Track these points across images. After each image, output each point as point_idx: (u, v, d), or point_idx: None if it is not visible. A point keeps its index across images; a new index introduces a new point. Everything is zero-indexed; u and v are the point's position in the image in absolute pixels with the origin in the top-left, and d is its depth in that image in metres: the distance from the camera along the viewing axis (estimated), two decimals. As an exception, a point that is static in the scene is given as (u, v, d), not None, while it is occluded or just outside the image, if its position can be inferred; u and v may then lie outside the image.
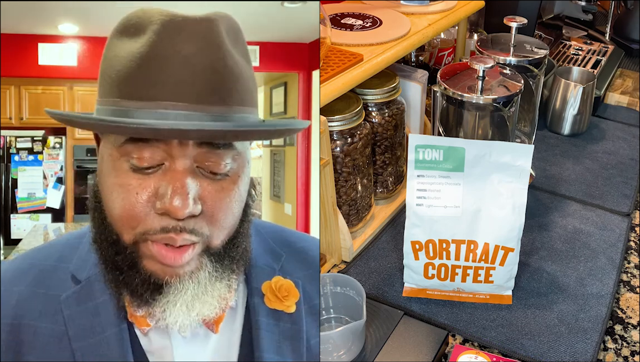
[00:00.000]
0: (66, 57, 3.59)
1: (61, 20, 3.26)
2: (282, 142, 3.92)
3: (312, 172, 3.67)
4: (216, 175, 0.56)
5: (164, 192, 0.53)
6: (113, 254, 0.57)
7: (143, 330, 0.60)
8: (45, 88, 3.70)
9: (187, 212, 0.53)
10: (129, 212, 0.54)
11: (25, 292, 0.62)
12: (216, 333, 0.62)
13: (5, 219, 3.75)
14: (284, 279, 0.66)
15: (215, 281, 0.58)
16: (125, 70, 0.54)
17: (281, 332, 0.64)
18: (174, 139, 0.53)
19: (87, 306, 0.60)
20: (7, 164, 3.77)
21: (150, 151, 0.53)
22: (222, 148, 0.55)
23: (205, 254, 0.57)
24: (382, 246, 1.17)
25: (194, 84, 0.53)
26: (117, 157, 0.55)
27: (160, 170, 0.54)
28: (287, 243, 0.71)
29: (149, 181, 0.54)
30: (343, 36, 1.20)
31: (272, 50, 3.64)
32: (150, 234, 0.54)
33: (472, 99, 1.05)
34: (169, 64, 0.53)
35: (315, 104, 3.65)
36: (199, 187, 0.55)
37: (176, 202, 0.53)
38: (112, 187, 0.55)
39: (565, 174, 1.44)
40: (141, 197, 0.54)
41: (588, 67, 1.93)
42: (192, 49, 0.53)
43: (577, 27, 2.26)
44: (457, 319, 0.99)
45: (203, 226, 0.56)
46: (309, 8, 2.82)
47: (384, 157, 1.25)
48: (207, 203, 0.55)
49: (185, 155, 0.54)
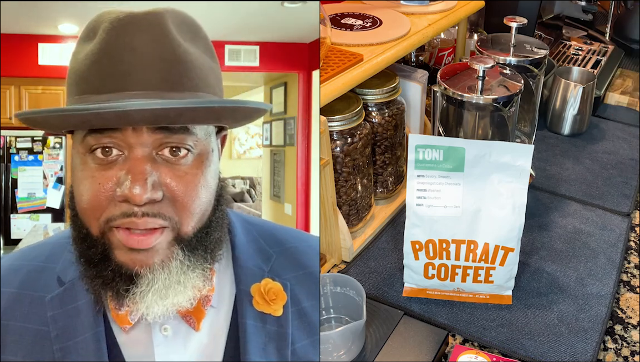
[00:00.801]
0: (66, 57, 3.58)
1: (61, 20, 3.25)
2: (282, 142, 3.92)
3: (312, 172, 3.67)
4: (178, 160, 0.56)
5: (124, 180, 0.55)
6: (86, 249, 0.58)
7: (125, 328, 0.61)
8: (45, 88, 3.70)
9: (145, 197, 0.54)
10: (93, 202, 0.56)
11: (14, 294, 0.63)
12: (197, 331, 0.62)
13: (5, 219, 3.75)
14: (272, 282, 0.66)
15: (187, 270, 0.58)
16: (82, 69, 0.56)
17: (267, 334, 0.64)
18: (120, 124, 0.54)
19: (69, 308, 0.61)
20: (7, 164, 3.77)
21: (108, 140, 0.55)
22: (178, 133, 0.56)
23: (176, 243, 0.58)
24: (382, 246, 1.17)
25: (143, 73, 0.55)
26: (82, 153, 0.56)
27: (120, 159, 0.56)
28: (278, 242, 0.70)
29: (111, 172, 0.55)
30: (343, 36, 1.20)
31: (272, 50, 3.64)
32: (113, 220, 0.55)
33: (472, 99, 1.05)
34: (118, 56, 0.55)
35: (315, 104, 3.65)
36: (160, 173, 0.56)
37: (135, 188, 0.54)
38: (79, 181, 0.57)
39: (565, 174, 1.44)
40: (103, 187, 0.55)
41: (588, 67, 1.92)
42: (139, 41, 0.55)
43: (577, 27, 2.26)
44: (457, 319, 0.99)
45: (169, 211, 0.56)
46: (309, 8, 2.82)
47: (384, 157, 1.25)
48: (169, 188, 0.56)
49: (142, 142, 0.55)
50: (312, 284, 0.69)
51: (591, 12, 2.13)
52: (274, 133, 4.06)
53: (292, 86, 3.79)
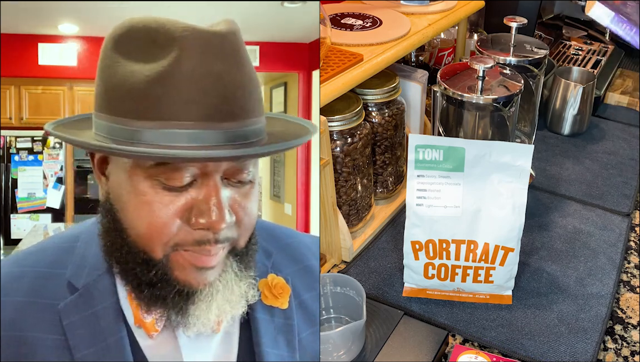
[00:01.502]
0: (66, 57, 3.59)
1: (61, 20, 3.26)
2: (282, 142, 3.92)
3: (312, 172, 3.67)
4: (242, 184, 0.58)
5: (202, 208, 0.55)
6: (144, 273, 0.57)
7: (152, 335, 0.61)
8: (45, 88, 3.70)
9: (224, 226, 0.55)
10: (160, 228, 0.55)
11: (22, 302, 0.60)
12: (218, 332, 0.63)
13: (5, 219, 3.75)
14: (277, 277, 0.69)
15: (239, 280, 0.60)
16: (147, 89, 0.52)
17: (276, 327, 0.66)
18: (208, 161, 0.54)
19: (86, 314, 0.60)
20: (7, 164, 3.77)
21: (183, 172, 0.54)
22: (248, 161, 0.58)
23: (230, 255, 0.60)
24: (382, 246, 1.17)
25: (225, 101, 0.53)
26: (142, 178, 0.55)
27: (193, 186, 0.55)
28: (275, 239, 0.73)
29: (181, 197, 0.55)
30: (343, 36, 1.20)
31: (272, 50, 3.64)
32: (183, 246, 0.56)
33: (472, 99, 1.05)
34: (199, 82, 0.52)
35: (315, 104, 3.65)
36: (230, 199, 0.57)
37: (215, 216, 0.55)
38: (139, 206, 0.55)
39: (565, 174, 1.44)
40: (173, 213, 0.55)
41: (588, 67, 1.92)
42: (222, 66, 0.53)
43: (577, 27, 2.26)
44: (457, 319, 0.99)
45: (234, 232, 0.58)
46: (309, 8, 2.82)
47: (384, 157, 1.25)
48: (236, 211, 0.58)
49: (219, 170, 0.56)
50: (308, 277, 0.72)
51: (591, 12, 2.12)
52: (274, 133, 4.06)
53: (292, 86, 3.79)
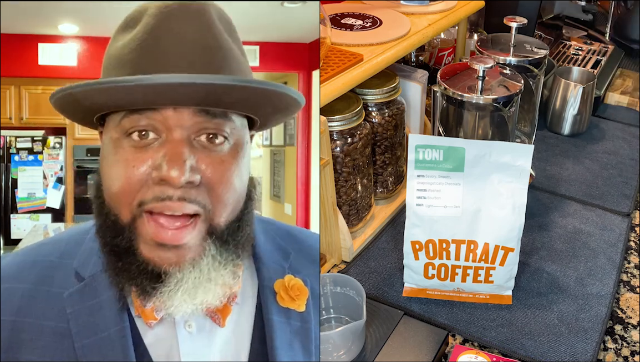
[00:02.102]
0: (66, 57, 3.59)
1: (61, 20, 3.26)
2: (282, 142, 3.93)
3: (312, 172, 3.67)
4: (214, 146, 0.55)
5: (161, 162, 0.53)
6: (111, 237, 0.56)
7: (150, 324, 0.59)
8: (45, 88, 3.70)
9: (184, 179, 0.53)
10: (126, 186, 0.54)
11: (29, 289, 0.61)
12: (222, 327, 0.61)
13: (5, 219, 3.75)
14: (295, 278, 0.66)
15: (219, 266, 0.57)
16: (123, 53, 0.56)
17: (292, 330, 0.64)
18: (167, 99, 0.53)
19: (90, 304, 0.60)
20: (7, 164, 3.77)
21: (145, 122, 0.54)
22: (217, 118, 0.55)
23: (208, 237, 0.56)
24: (382, 246, 1.17)
25: (187, 58, 0.54)
26: (117, 138, 0.55)
27: (157, 143, 0.54)
28: (295, 241, 0.71)
29: (147, 154, 0.54)
30: (343, 36, 1.20)
31: (272, 50, 3.64)
32: (146, 203, 0.54)
33: (472, 99, 1.05)
34: (163, 39, 0.55)
35: (315, 104, 3.65)
36: (197, 158, 0.54)
37: (173, 170, 0.52)
38: (111, 165, 0.55)
39: (565, 174, 1.44)
40: (138, 170, 0.54)
41: (588, 67, 1.92)
42: (185, 27, 0.55)
43: (577, 27, 2.26)
44: (457, 319, 0.99)
45: (204, 198, 0.55)
46: (309, 8, 2.82)
47: (384, 157, 1.25)
48: (206, 174, 0.55)
49: (181, 125, 0.54)
50: None
51: (591, 12, 2.13)
52: (274, 133, 4.07)
53: (292, 86, 3.78)
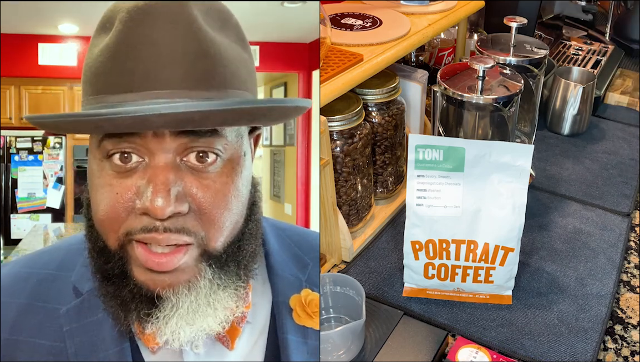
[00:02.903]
0: (66, 57, 3.60)
1: (61, 20, 3.26)
2: (282, 142, 3.92)
3: (312, 172, 3.67)
4: (205, 167, 0.50)
5: (144, 190, 0.49)
6: (102, 263, 0.52)
7: (152, 349, 0.56)
8: (45, 88, 3.70)
9: (169, 211, 0.48)
10: (110, 214, 0.50)
11: (24, 305, 0.58)
12: (232, 350, 0.57)
13: (5, 219, 3.75)
14: (312, 293, 0.60)
15: (218, 289, 0.52)
16: (96, 65, 0.50)
17: (309, 350, 0.59)
18: (138, 129, 0.47)
19: (88, 322, 0.56)
20: (7, 164, 3.77)
21: (126, 145, 0.49)
22: (205, 136, 0.50)
23: (203, 259, 0.52)
24: (382, 246, 1.17)
25: (165, 71, 0.48)
26: (100, 159, 0.51)
27: (141, 166, 0.50)
28: (311, 248, 0.65)
29: (130, 180, 0.50)
30: (343, 36, 1.20)
31: (272, 50, 3.64)
32: (132, 234, 0.50)
33: (472, 99, 1.05)
34: (136, 52, 0.48)
35: (315, 104, 3.65)
36: (185, 183, 0.50)
37: (157, 200, 0.48)
38: (95, 189, 0.52)
39: (565, 174, 1.44)
40: (122, 198, 0.50)
41: (588, 67, 1.92)
42: (160, 33, 0.49)
43: (577, 27, 2.26)
44: (457, 319, 0.99)
45: (195, 226, 0.50)
46: (309, 8, 2.82)
47: (384, 157, 1.25)
48: (196, 199, 0.50)
49: (164, 148, 0.49)
50: None
51: (591, 12, 2.13)
52: (274, 133, 4.07)
53: (292, 86, 3.79)
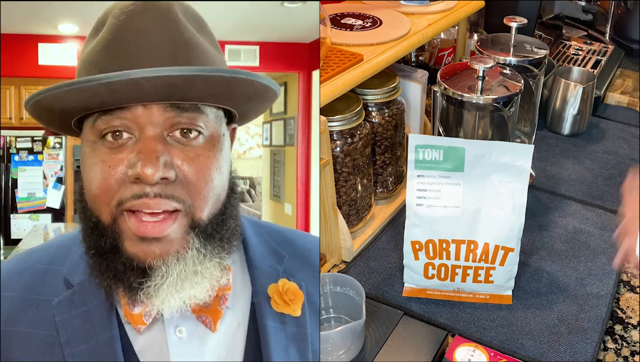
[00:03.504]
0: (66, 57, 3.59)
1: (61, 20, 3.25)
2: (282, 142, 3.92)
3: (312, 172, 3.67)
4: (189, 141, 0.56)
5: (135, 160, 0.54)
6: (95, 239, 0.56)
7: (139, 329, 0.59)
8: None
9: (158, 175, 0.53)
10: (103, 187, 0.54)
11: (18, 297, 0.61)
12: (214, 332, 0.60)
13: (5, 219, 3.75)
14: (289, 282, 0.65)
15: (204, 259, 0.57)
16: (91, 55, 0.56)
17: (288, 336, 0.63)
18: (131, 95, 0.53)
19: (79, 311, 0.60)
20: (7, 164, 3.77)
21: (118, 121, 0.54)
22: (189, 111, 0.55)
23: (191, 230, 0.56)
24: (382, 246, 1.17)
25: (153, 53, 0.54)
26: (93, 140, 0.56)
27: (131, 142, 0.55)
28: (288, 243, 0.70)
29: (122, 154, 0.54)
30: (343, 36, 1.20)
31: (272, 50, 3.64)
32: (124, 203, 0.54)
33: (472, 99, 1.05)
34: (128, 38, 0.55)
35: (315, 104, 3.65)
36: (172, 154, 0.55)
37: (147, 167, 0.53)
38: (89, 167, 0.56)
39: (565, 174, 1.44)
40: (114, 170, 0.54)
41: (588, 67, 1.92)
42: (149, 24, 0.55)
43: (577, 27, 2.26)
44: (457, 319, 0.99)
45: (182, 194, 0.55)
46: (309, 8, 2.82)
47: (384, 157, 1.25)
48: (182, 169, 0.55)
49: (153, 121, 0.54)
50: None
51: (591, 12, 2.13)
52: (274, 133, 4.07)
53: (292, 86, 3.79)
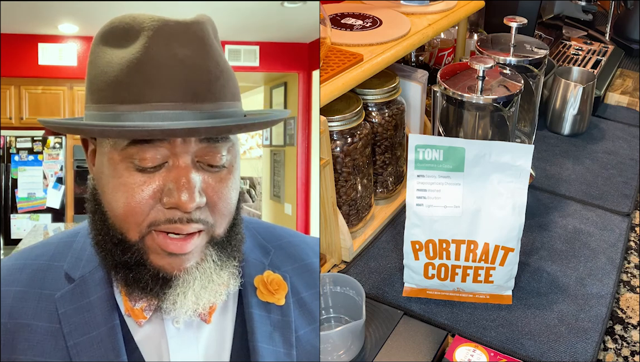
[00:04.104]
0: (66, 57, 3.59)
1: (61, 20, 3.26)
2: (282, 142, 3.92)
3: (312, 172, 3.67)
4: (215, 167, 0.59)
5: (172, 188, 0.57)
6: (120, 254, 0.59)
7: (140, 323, 0.62)
8: (45, 88, 3.70)
9: (194, 205, 0.57)
10: (134, 209, 0.57)
11: (20, 291, 0.64)
12: (209, 323, 0.64)
13: (5, 219, 3.75)
14: (274, 274, 0.70)
15: (219, 269, 0.61)
16: (120, 76, 0.57)
17: (272, 323, 0.67)
18: (163, 136, 0.55)
19: (81, 304, 0.63)
20: (7, 164, 3.77)
21: (153, 151, 0.56)
22: (220, 141, 0.59)
23: (209, 244, 0.61)
24: (382, 246, 1.17)
25: (189, 84, 0.56)
26: (118, 160, 0.57)
27: (164, 168, 0.57)
28: (275, 238, 0.74)
29: (154, 178, 0.57)
30: (343, 36, 1.20)
31: (272, 50, 3.64)
32: (156, 225, 0.58)
33: (472, 99, 1.05)
34: (164, 67, 0.56)
35: (315, 104, 3.65)
36: (202, 180, 0.58)
37: (184, 196, 0.56)
38: (116, 188, 0.58)
39: (565, 174, 1.44)
40: (146, 193, 0.57)
41: (588, 67, 1.93)
42: (186, 52, 0.57)
43: (577, 27, 2.26)
44: (457, 319, 0.99)
45: (207, 216, 0.59)
46: (309, 8, 2.82)
47: (384, 157, 1.25)
48: (208, 194, 0.59)
49: (188, 151, 0.57)
50: (309, 275, 0.72)
51: (591, 12, 2.13)
52: (274, 133, 4.07)
53: (292, 86, 3.79)
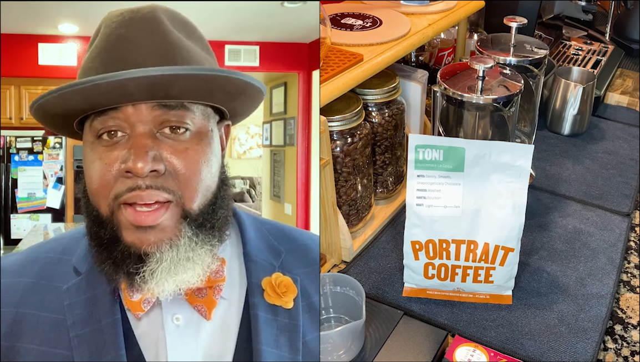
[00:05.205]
0: (66, 57, 3.59)
1: (61, 20, 3.25)
2: (282, 142, 3.92)
3: (312, 172, 3.67)
4: (177, 136, 0.60)
5: (127, 156, 0.58)
6: (96, 230, 0.61)
7: (137, 315, 0.63)
8: (45, 88, 3.67)
9: (147, 168, 0.57)
10: (101, 182, 0.59)
11: (30, 283, 0.66)
12: (209, 320, 0.64)
13: (5, 219, 3.74)
14: (283, 276, 0.68)
15: (196, 246, 0.61)
16: (87, 63, 0.62)
17: (279, 326, 0.66)
18: (117, 95, 0.57)
19: (85, 297, 0.64)
20: (7, 164, 3.77)
21: (111, 122, 0.59)
22: (176, 109, 0.60)
23: (183, 219, 0.60)
24: (382, 246, 1.17)
25: (139, 57, 0.59)
26: (91, 140, 0.60)
27: (124, 140, 0.59)
28: (288, 240, 0.73)
29: (117, 151, 0.59)
30: (343, 36, 1.20)
31: (272, 50, 3.64)
32: (120, 196, 0.59)
33: (472, 99, 1.05)
34: (117, 46, 0.60)
35: (315, 104, 3.65)
36: (161, 149, 0.59)
37: (137, 161, 0.57)
38: (89, 165, 0.60)
39: (565, 174, 1.44)
40: (111, 166, 0.59)
41: (588, 67, 1.93)
42: (135, 32, 0.60)
43: (577, 27, 2.26)
44: (457, 319, 0.99)
45: (172, 185, 0.59)
46: (309, 8, 2.82)
47: (384, 157, 1.25)
48: (171, 162, 0.59)
49: (142, 120, 0.59)
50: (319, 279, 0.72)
51: (591, 12, 2.13)
52: (274, 133, 4.06)
53: (292, 86, 3.79)
